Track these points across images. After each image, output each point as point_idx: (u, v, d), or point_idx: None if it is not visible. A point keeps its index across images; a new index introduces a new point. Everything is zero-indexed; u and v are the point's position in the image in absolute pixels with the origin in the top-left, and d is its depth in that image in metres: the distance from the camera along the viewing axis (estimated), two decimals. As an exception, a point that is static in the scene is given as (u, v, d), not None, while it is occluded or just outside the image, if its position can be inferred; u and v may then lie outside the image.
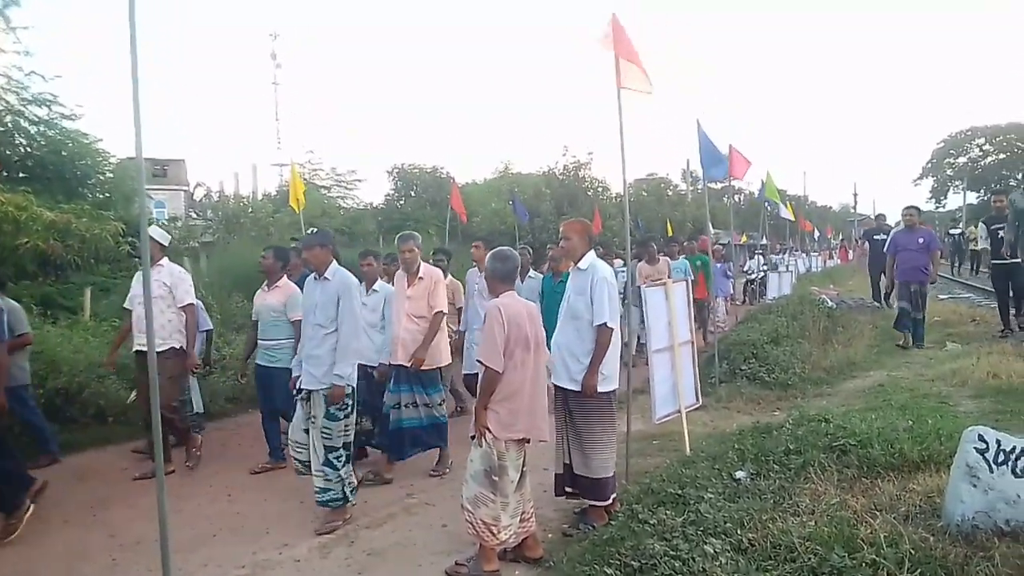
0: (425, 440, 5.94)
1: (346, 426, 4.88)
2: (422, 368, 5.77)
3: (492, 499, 3.96)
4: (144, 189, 3.48)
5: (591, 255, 4.73)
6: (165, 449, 4.61)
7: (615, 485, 4.67)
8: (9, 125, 12.46)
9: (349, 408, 4.88)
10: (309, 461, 4.90)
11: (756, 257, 22.77)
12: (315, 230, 5.49)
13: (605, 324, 4.44)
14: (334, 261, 5.06)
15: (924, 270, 9.67)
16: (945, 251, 23.90)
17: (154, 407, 3.22)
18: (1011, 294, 9.67)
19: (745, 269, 23.13)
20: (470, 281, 7.67)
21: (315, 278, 5.06)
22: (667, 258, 11.09)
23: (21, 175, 12.02)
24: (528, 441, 4.15)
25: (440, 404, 6.02)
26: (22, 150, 12.56)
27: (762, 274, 20.96)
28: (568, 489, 4.75)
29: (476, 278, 7.32)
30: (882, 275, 12.95)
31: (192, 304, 6.19)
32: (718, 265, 13.96)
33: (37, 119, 12.81)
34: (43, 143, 12.59)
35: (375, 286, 6.34)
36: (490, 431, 3.98)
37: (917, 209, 10.20)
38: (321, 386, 4.80)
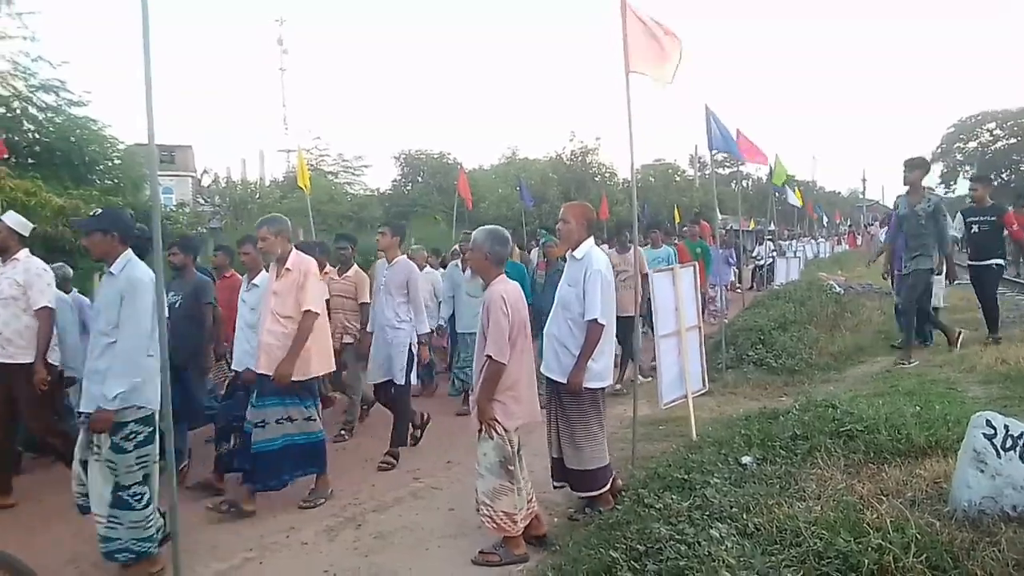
0: (301, 463, 5.02)
1: (139, 458, 3.84)
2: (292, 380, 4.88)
3: (510, 488, 4.00)
4: (156, 176, 3.50)
5: (589, 243, 4.56)
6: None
7: (610, 471, 4.65)
8: (17, 111, 12.49)
9: (143, 437, 3.85)
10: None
11: (765, 243, 22.69)
12: (99, 211, 4.43)
13: (596, 320, 4.33)
14: (128, 251, 4.08)
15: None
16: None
17: (167, 415, 3.25)
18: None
19: (753, 255, 22.92)
20: (378, 274, 6.45)
21: (107, 273, 4.08)
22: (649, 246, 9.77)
23: (30, 161, 12.05)
24: None
25: (314, 420, 5.08)
26: (30, 136, 12.59)
27: (770, 260, 20.84)
28: (557, 485, 4.74)
29: (384, 271, 6.25)
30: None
31: (47, 308, 5.17)
32: (721, 251, 13.42)
33: (45, 105, 12.83)
34: (51, 129, 12.61)
35: (256, 279, 5.53)
36: (499, 422, 3.99)
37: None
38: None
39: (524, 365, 4.08)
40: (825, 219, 49.49)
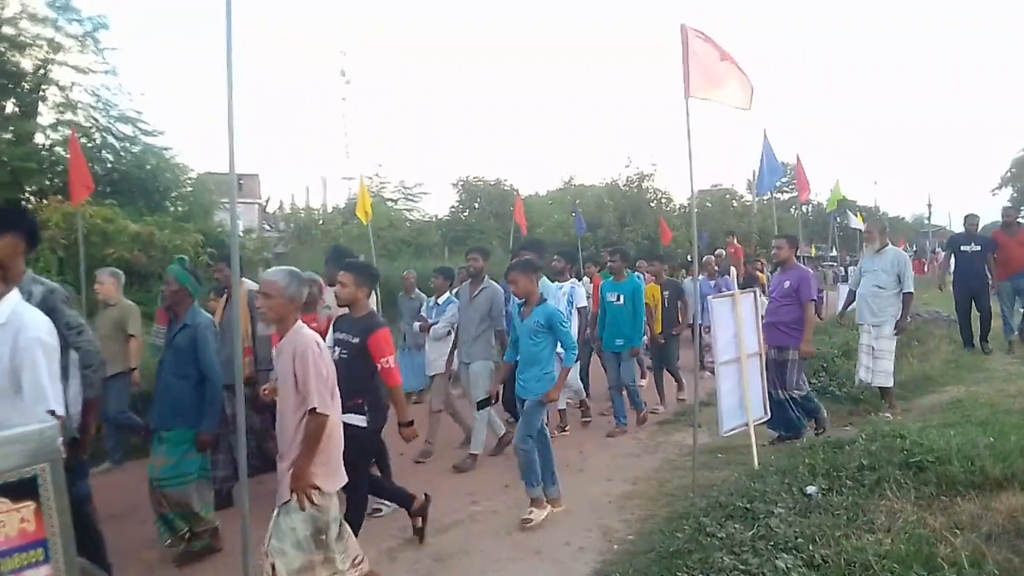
0: None
1: None
2: None
3: (320, 560, 3.48)
4: (235, 204, 3.67)
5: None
6: None
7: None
8: (97, 141, 13.13)
9: None
10: None
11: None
12: None
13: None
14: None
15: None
16: None
17: (239, 430, 3.36)
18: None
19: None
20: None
21: None
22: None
23: (108, 189, 12.63)
24: None
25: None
26: (109, 165, 13.21)
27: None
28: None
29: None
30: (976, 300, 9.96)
31: None
32: (711, 283, 10.42)
33: (123, 136, 13.46)
34: (128, 158, 13.22)
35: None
36: (320, 489, 3.43)
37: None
38: None
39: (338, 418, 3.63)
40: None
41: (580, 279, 9.38)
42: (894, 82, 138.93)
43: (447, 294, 7.61)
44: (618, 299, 7.76)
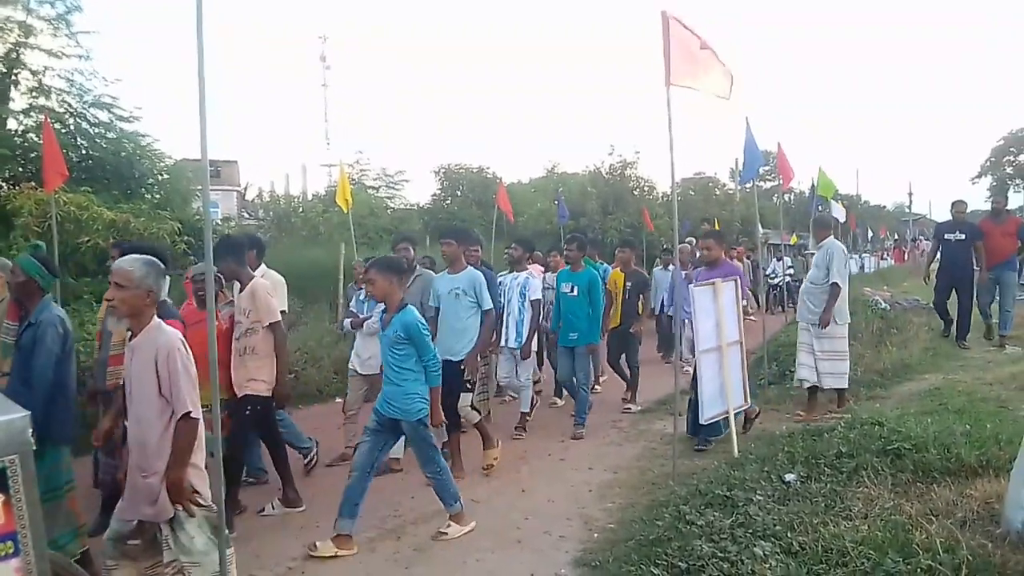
0: None
1: None
2: None
3: (232, 549, 3.39)
4: (209, 191, 3.58)
5: None
6: None
7: None
8: (72, 127, 12.89)
9: None
10: None
11: (783, 259, 19.95)
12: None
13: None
14: None
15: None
16: None
17: (214, 418, 3.32)
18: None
19: (768, 273, 19.07)
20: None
21: None
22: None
23: (83, 176, 12.41)
24: None
25: None
26: (83, 152, 12.97)
27: (786, 279, 18.05)
28: None
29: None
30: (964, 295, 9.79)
31: None
32: (682, 274, 8.88)
33: (97, 121, 13.22)
34: (103, 145, 12.98)
35: None
36: (199, 493, 3.26)
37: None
38: None
39: None
40: (869, 233, 48.55)
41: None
42: (875, 71, 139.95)
43: None
44: (572, 290, 7.25)
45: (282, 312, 5.44)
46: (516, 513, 5.01)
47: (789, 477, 4.49)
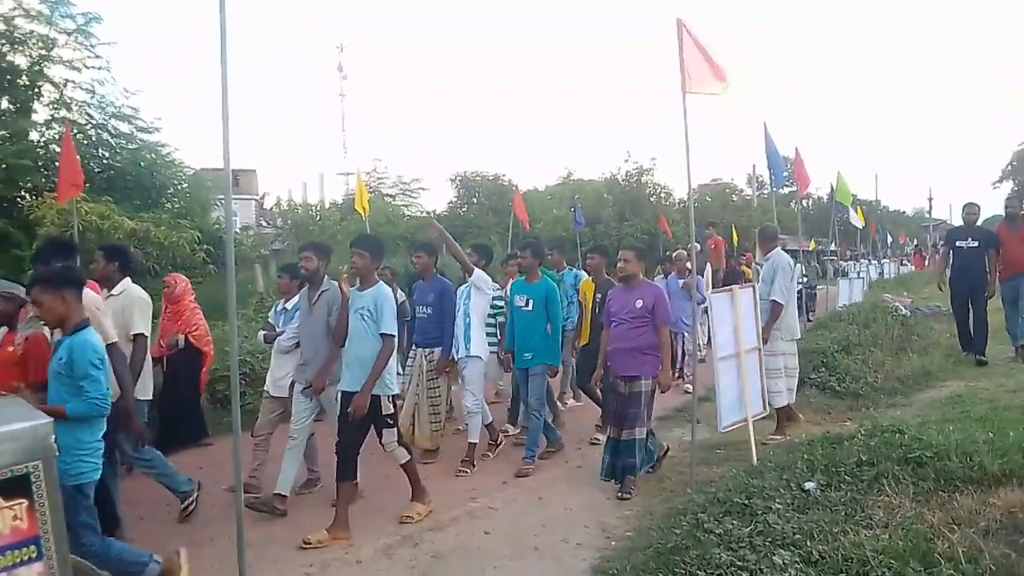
0: None
1: None
2: None
3: None
4: (231, 200, 3.62)
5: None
6: None
7: None
8: (93, 138, 13.09)
9: None
10: None
11: (799, 265, 19.81)
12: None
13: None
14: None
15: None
16: None
17: (234, 409, 3.34)
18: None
19: None
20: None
21: None
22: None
23: (104, 186, 12.60)
24: None
25: None
26: (104, 162, 13.18)
27: (799, 286, 17.29)
28: None
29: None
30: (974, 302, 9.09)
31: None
32: (680, 282, 9.31)
33: (118, 132, 13.43)
34: (124, 155, 13.19)
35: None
36: None
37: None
38: None
39: None
40: (889, 239, 48.11)
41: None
42: (895, 75, 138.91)
43: (296, 298, 5.92)
44: (527, 304, 6.29)
45: (139, 335, 5.09)
46: (533, 521, 5.00)
47: (808, 485, 4.45)
